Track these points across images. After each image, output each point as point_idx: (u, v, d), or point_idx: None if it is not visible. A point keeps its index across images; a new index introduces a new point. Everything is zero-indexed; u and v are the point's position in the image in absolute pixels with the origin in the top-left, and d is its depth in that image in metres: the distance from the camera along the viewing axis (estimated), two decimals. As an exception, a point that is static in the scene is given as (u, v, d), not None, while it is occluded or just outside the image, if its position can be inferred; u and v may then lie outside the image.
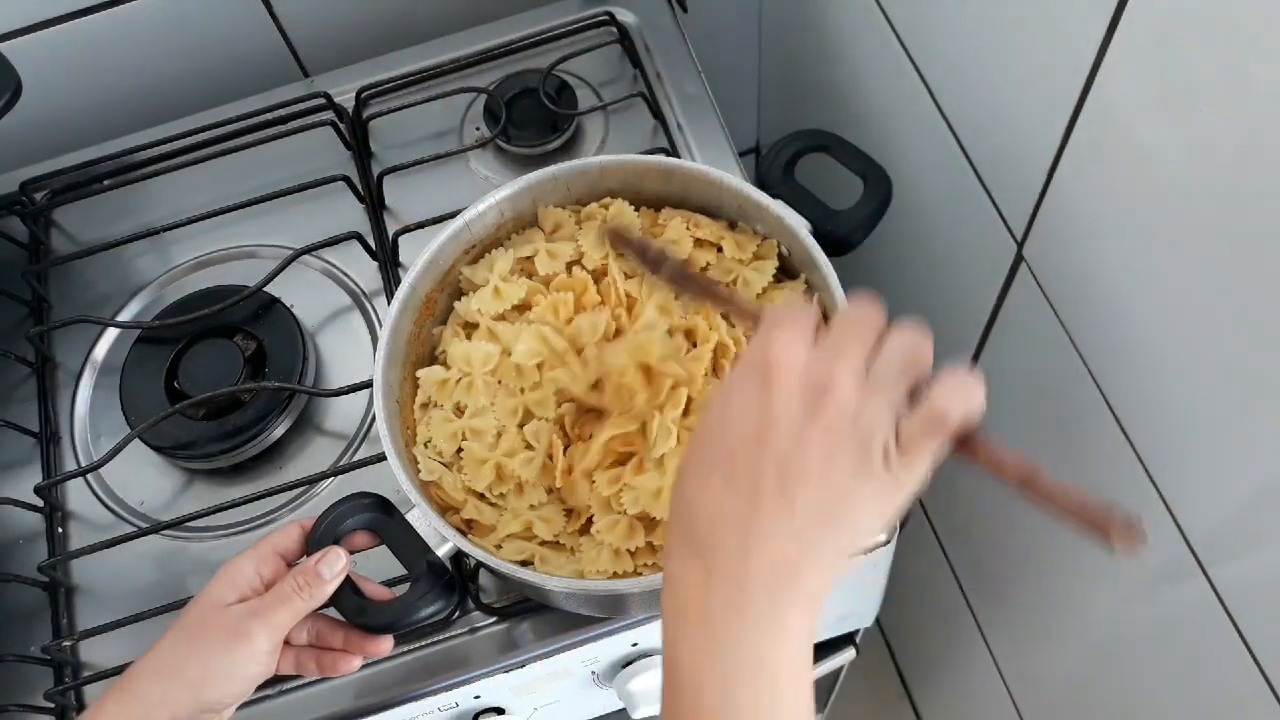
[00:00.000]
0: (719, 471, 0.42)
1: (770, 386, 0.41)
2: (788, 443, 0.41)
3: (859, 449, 0.41)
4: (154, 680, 0.55)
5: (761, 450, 0.41)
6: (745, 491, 0.41)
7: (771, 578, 0.41)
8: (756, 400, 0.42)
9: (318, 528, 0.60)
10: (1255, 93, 0.46)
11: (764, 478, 0.41)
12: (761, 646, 0.41)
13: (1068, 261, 0.66)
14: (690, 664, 0.42)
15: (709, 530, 0.42)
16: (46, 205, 0.91)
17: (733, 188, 0.68)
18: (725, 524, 0.41)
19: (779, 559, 0.41)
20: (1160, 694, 0.75)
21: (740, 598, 0.41)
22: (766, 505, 0.41)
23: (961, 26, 0.68)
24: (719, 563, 0.41)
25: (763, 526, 0.41)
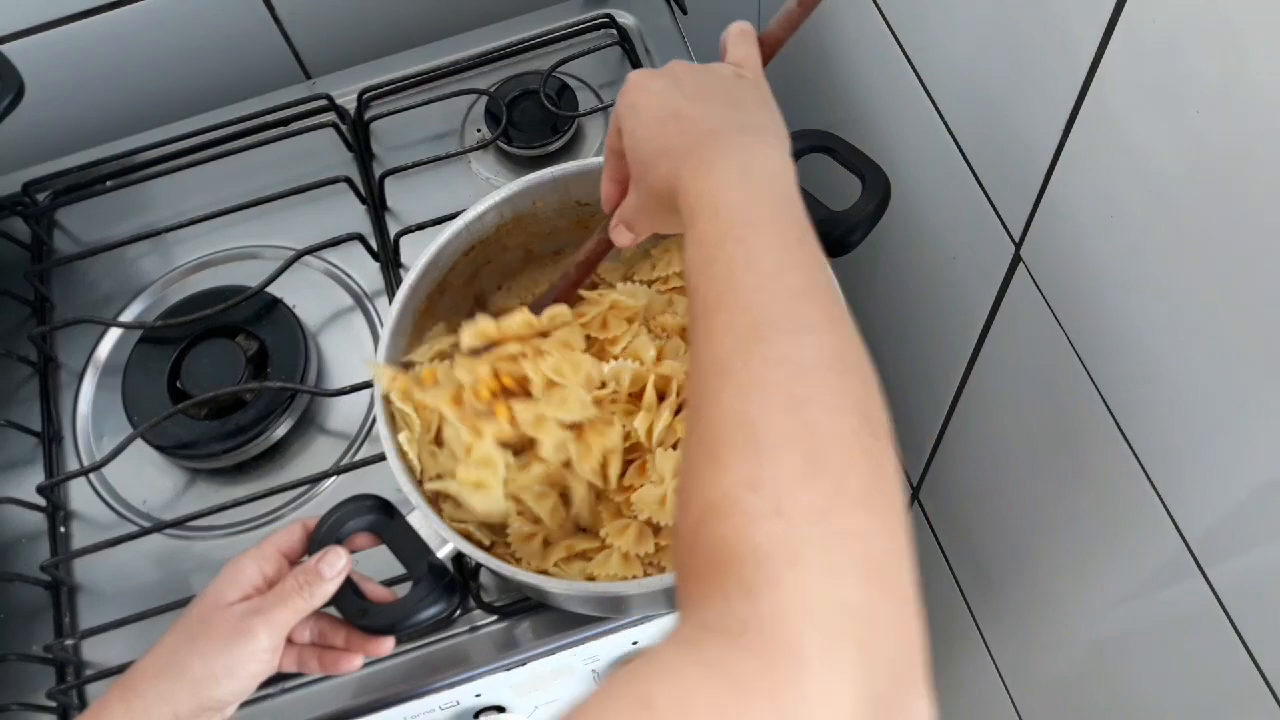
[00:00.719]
0: (661, 127, 0.52)
1: (647, 82, 0.55)
2: (685, 90, 0.54)
3: (718, 75, 0.56)
4: (156, 678, 0.56)
5: (673, 101, 0.53)
6: (683, 119, 0.52)
7: (742, 134, 0.51)
8: (648, 93, 0.54)
9: (320, 529, 0.60)
10: (1252, 93, 0.46)
11: (687, 108, 0.53)
12: (749, 167, 0.48)
13: (1065, 262, 0.66)
14: (702, 197, 0.48)
15: (679, 135, 0.52)
16: (49, 206, 0.91)
17: (732, 189, 0.68)
18: (684, 137, 0.51)
19: (738, 125, 0.51)
20: (1158, 694, 0.75)
21: (720, 150, 0.49)
22: (699, 113, 0.52)
23: (959, 27, 0.68)
24: (702, 142, 0.50)
25: (705, 118, 0.52)
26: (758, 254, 0.45)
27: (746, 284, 0.44)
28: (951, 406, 0.93)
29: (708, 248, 0.46)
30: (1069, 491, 0.77)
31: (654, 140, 0.53)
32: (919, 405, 1.01)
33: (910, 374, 1.01)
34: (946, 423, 0.95)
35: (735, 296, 0.44)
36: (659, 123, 0.53)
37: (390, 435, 0.63)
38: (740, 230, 0.46)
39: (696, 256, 0.47)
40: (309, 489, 0.77)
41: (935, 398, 0.94)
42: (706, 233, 0.47)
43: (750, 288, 0.44)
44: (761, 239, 0.46)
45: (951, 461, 0.99)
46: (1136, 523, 0.67)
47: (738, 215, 0.47)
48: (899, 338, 1.00)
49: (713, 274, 0.45)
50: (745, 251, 0.45)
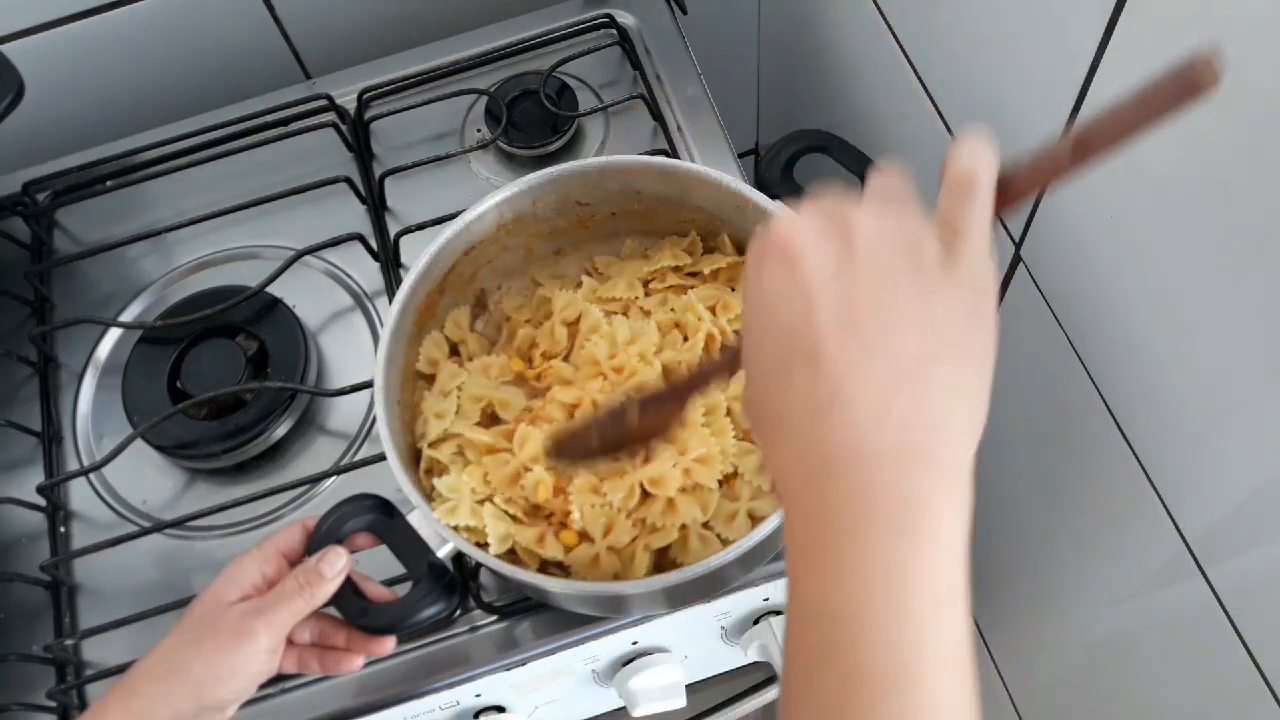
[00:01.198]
0: (794, 364, 0.35)
1: (794, 258, 0.36)
2: (842, 294, 0.35)
3: (913, 264, 0.35)
4: (157, 679, 0.56)
5: (821, 316, 0.35)
6: (827, 363, 0.34)
7: (892, 456, 0.33)
8: (788, 278, 0.36)
9: (320, 529, 0.60)
10: (1252, 92, 0.46)
11: (841, 339, 0.34)
12: (899, 569, 0.32)
13: (1065, 262, 0.66)
14: (813, 594, 0.34)
15: (810, 428, 0.34)
16: (49, 206, 0.91)
17: (732, 189, 0.68)
18: (828, 407, 0.34)
19: (894, 423, 0.33)
20: (1159, 694, 0.75)
21: (865, 503, 0.33)
22: (857, 362, 0.34)
23: (960, 27, 0.68)
24: (816, 463, 0.34)
25: (868, 392, 0.33)
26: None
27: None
28: (951, 406, 0.92)
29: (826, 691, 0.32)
30: (1069, 491, 0.77)
31: (769, 389, 0.36)
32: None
33: (910, 374, 1.01)
34: (946, 423, 0.95)
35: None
36: (781, 358, 0.35)
37: (390, 435, 0.63)
38: (878, 689, 0.32)
39: (811, 690, 0.33)
40: (309, 489, 0.77)
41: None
42: (810, 652, 0.33)
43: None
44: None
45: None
46: (1137, 522, 0.67)
47: (875, 662, 0.32)
48: (899, 338, 1.00)
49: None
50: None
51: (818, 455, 0.34)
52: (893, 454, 0.33)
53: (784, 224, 0.37)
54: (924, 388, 0.34)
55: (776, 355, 0.36)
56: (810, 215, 0.37)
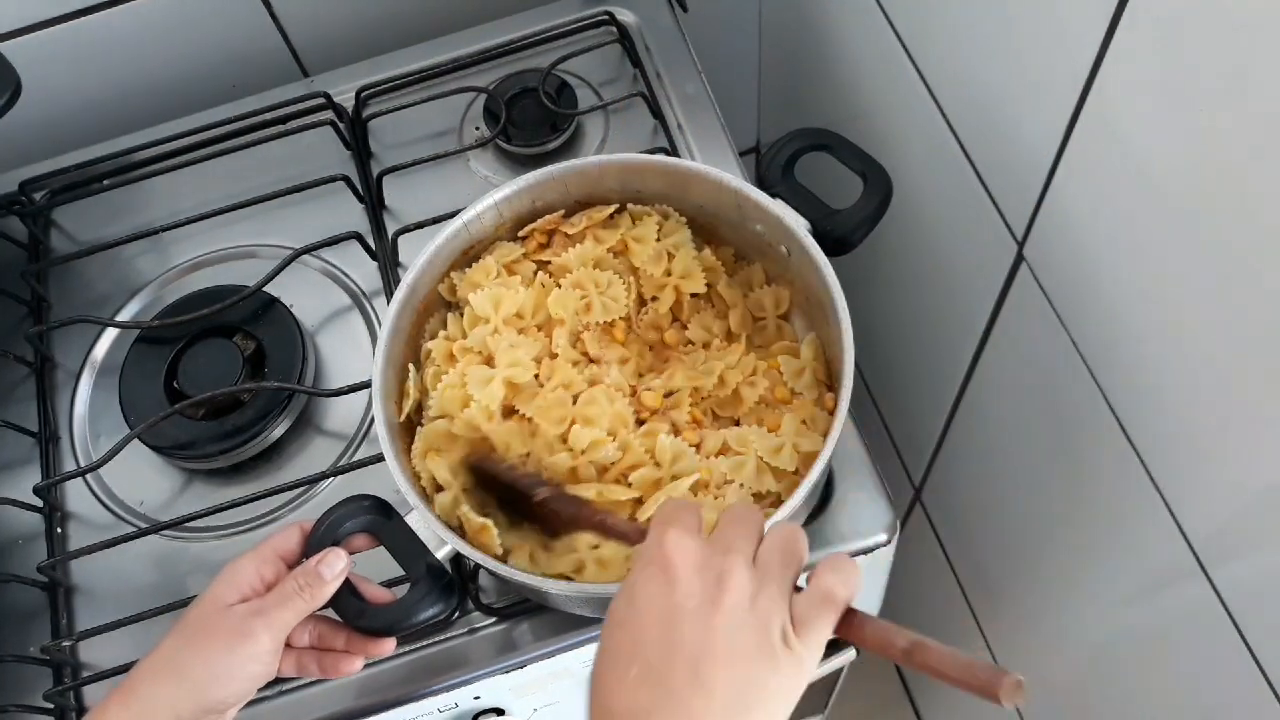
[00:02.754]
0: (634, 664, 0.43)
1: (672, 579, 0.44)
2: (696, 631, 0.43)
3: (759, 634, 0.43)
4: (157, 681, 0.55)
5: (672, 639, 0.43)
6: (660, 682, 0.42)
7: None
8: (660, 593, 0.44)
9: (317, 530, 0.60)
10: (1255, 93, 0.46)
11: (677, 667, 0.42)
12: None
13: (1068, 262, 0.66)
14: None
15: (626, 716, 0.43)
16: (46, 205, 0.91)
17: (732, 187, 0.68)
18: (642, 713, 0.42)
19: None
20: (1161, 695, 0.75)
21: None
22: (683, 696, 0.42)
23: (962, 25, 0.68)
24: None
25: (681, 713, 0.42)
26: None
27: None
28: (954, 406, 0.92)
29: None
30: (1072, 492, 0.77)
31: (609, 668, 0.44)
32: (921, 405, 1.00)
33: (912, 374, 1.01)
34: (949, 423, 0.95)
35: None
36: (628, 651, 0.44)
37: (389, 435, 0.63)
38: None
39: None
40: (307, 490, 0.77)
41: (937, 397, 0.94)
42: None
43: None
44: None
45: (954, 462, 0.99)
46: (1140, 524, 0.67)
47: None
48: (901, 337, 1.00)
49: None
50: None
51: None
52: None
53: (676, 545, 0.45)
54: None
55: (624, 646, 0.44)
56: (697, 551, 0.45)
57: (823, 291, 0.64)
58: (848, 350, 0.62)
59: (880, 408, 1.14)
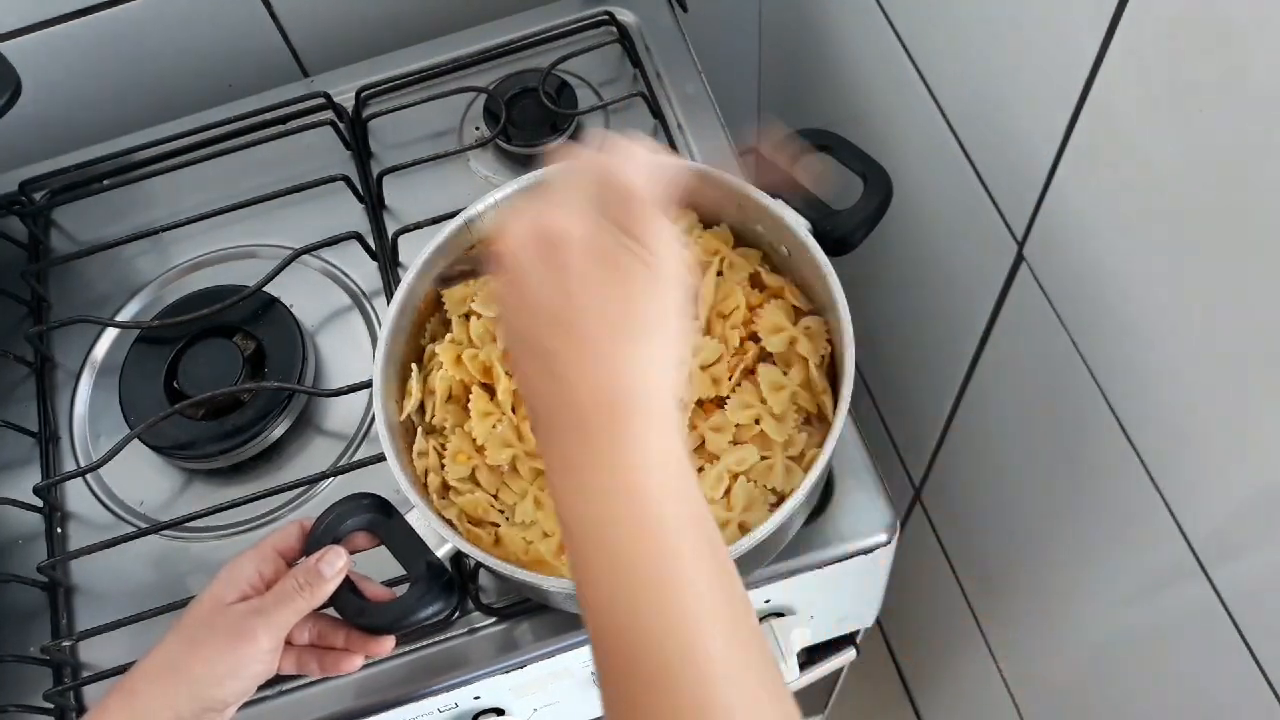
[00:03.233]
0: (519, 351, 0.46)
1: (510, 263, 0.45)
2: (548, 293, 0.44)
3: (600, 259, 0.44)
4: (157, 680, 0.55)
5: (532, 312, 0.44)
6: (538, 351, 0.44)
7: (600, 410, 0.43)
8: (508, 285, 0.46)
9: (317, 528, 0.60)
10: (1255, 93, 0.46)
11: (545, 329, 0.44)
12: (622, 483, 0.42)
13: (1068, 262, 0.66)
14: (575, 525, 0.43)
15: (535, 400, 0.45)
16: (46, 205, 0.91)
17: (733, 187, 0.68)
18: (539, 386, 0.45)
19: (594, 387, 0.43)
20: (1161, 695, 0.75)
21: (583, 445, 0.43)
22: (558, 348, 0.43)
23: (962, 25, 0.68)
24: (553, 421, 0.44)
25: (566, 366, 0.43)
26: (681, 611, 0.40)
27: (680, 656, 0.40)
28: (954, 406, 0.92)
29: (608, 590, 0.42)
30: (1072, 492, 0.77)
31: (516, 352, 0.46)
32: (921, 405, 1.00)
33: (913, 374, 1.01)
34: (949, 422, 0.95)
35: (670, 672, 0.40)
36: (519, 336, 0.46)
37: (389, 435, 0.63)
38: (655, 600, 0.41)
39: (597, 595, 0.42)
40: (307, 490, 0.77)
41: (938, 397, 0.94)
42: (577, 565, 0.43)
43: (687, 662, 0.40)
44: (681, 588, 0.41)
45: (954, 462, 0.99)
46: (1140, 523, 0.67)
47: (644, 577, 0.41)
48: (901, 337, 1.00)
49: (634, 662, 0.41)
50: (665, 605, 0.41)
51: (545, 411, 0.45)
52: (600, 405, 0.43)
53: (504, 233, 0.46)
54: (610, 359, 0.43)
55: (510, 343, 0.47)
56: (524, 229, 0.45)
57: (823, 291, 0.64)
58: (848, 350, 0.62)
59: (880, 408, 1.14)
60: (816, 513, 0.71)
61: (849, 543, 0.70)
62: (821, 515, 0.71)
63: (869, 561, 0.72)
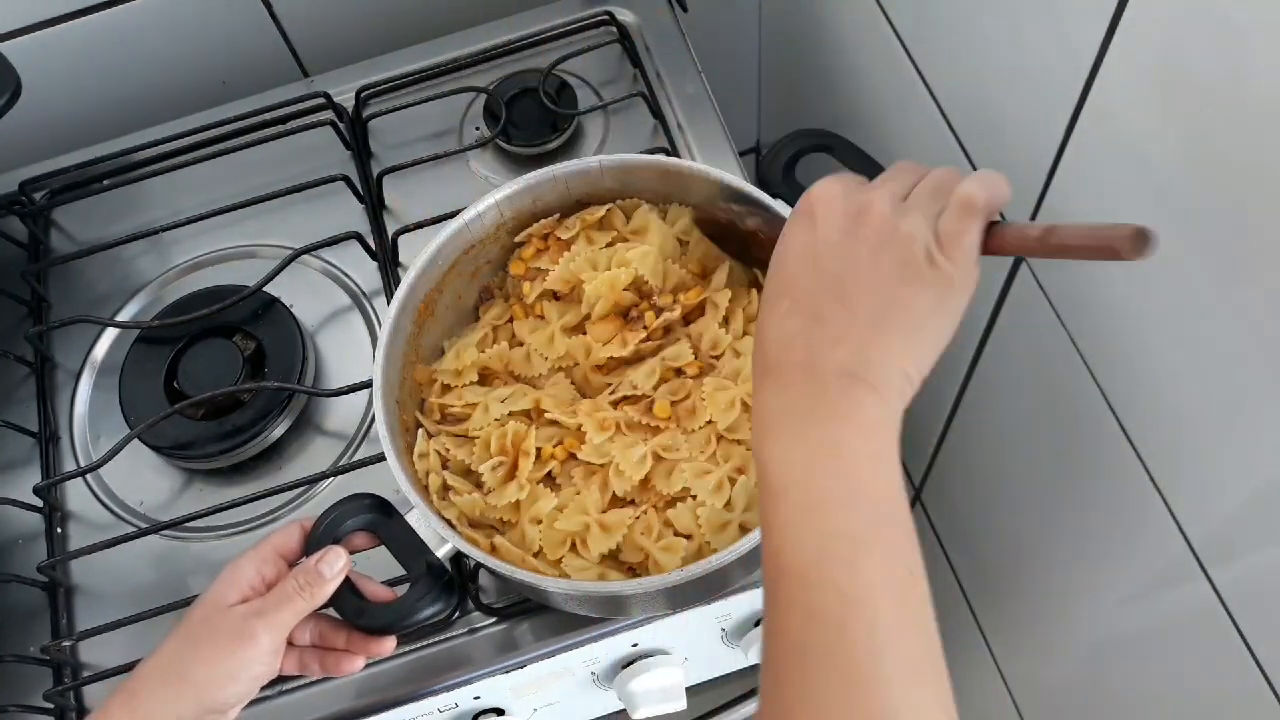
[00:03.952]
0: (785, 298, 0.47)
1: (815, 219, 0.48)
2: (838, 261, 0.46)
3: (902, 254, 0.45)
4: (159, 682, 0.55)
5: (817, 271, 0.47)
6: (807, 309, 0.46)
7: (841, 377, 0.44)
8: (805, 233, 0.48)
9: (317, 528, 0.60)
10: (1255, 93, 0.46)
11: (821, 294, 0.46)
12: (841, 440, 0.44)
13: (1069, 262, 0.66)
14: (778, 468, 0.44)
15: (779, 349, 0.47)
16: (46, 205, 0.90)
17: (733, 187, 0.68)
18: (793, 340, 0.46)
19: (844, 360, 0.45)
20: (1161, 694, 0.75)
21: (814, 400, 0.45)
22: (827, 316, 0.45)
23: (962, 26, 0.68)
24: (790, 375, 0.46)
25: (826, 334, 0.45)
26: (869, 601, 0.41)
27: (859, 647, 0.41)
28: (954, 406, 0.92)
29: (796, 532, 0.43)
30: (1072, 492, 0.77)
31: (767, 308, 0.48)
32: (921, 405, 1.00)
33: (911, 373, 1.01)
34: (949, 422, 0.95)
35: (842, 660, 0.41)
36: (779, 288, 0.48)
37: (389, 436, 0.63)
38: (844, 552, 0.42)
39: (784, 537, 0.43)
40: (307, 490, 0.77)
41: (938, 397, 0.94)
42: (776, 514, 0.44)
43: (863, 653, 0.41)
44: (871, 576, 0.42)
45: (954, 462, 0.99)
46: (1140, 523, 0.67)
47: (838, 527, 0.43)
48: (900, 337, 1.00)
49: (811, 609, 0.42)
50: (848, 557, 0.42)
51: (788, 363, 0.47)
52: (841, 375, 0.45)
53: (819, 188, 0.48)
54: (868, 344, 0.45)
55: (776, 286, 0.49)
56: (840, 190, 0.48)
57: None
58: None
59: (880, 408, 1.14)
60: (816, 513, 0.71)
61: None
62: (821, 515, 0.71)
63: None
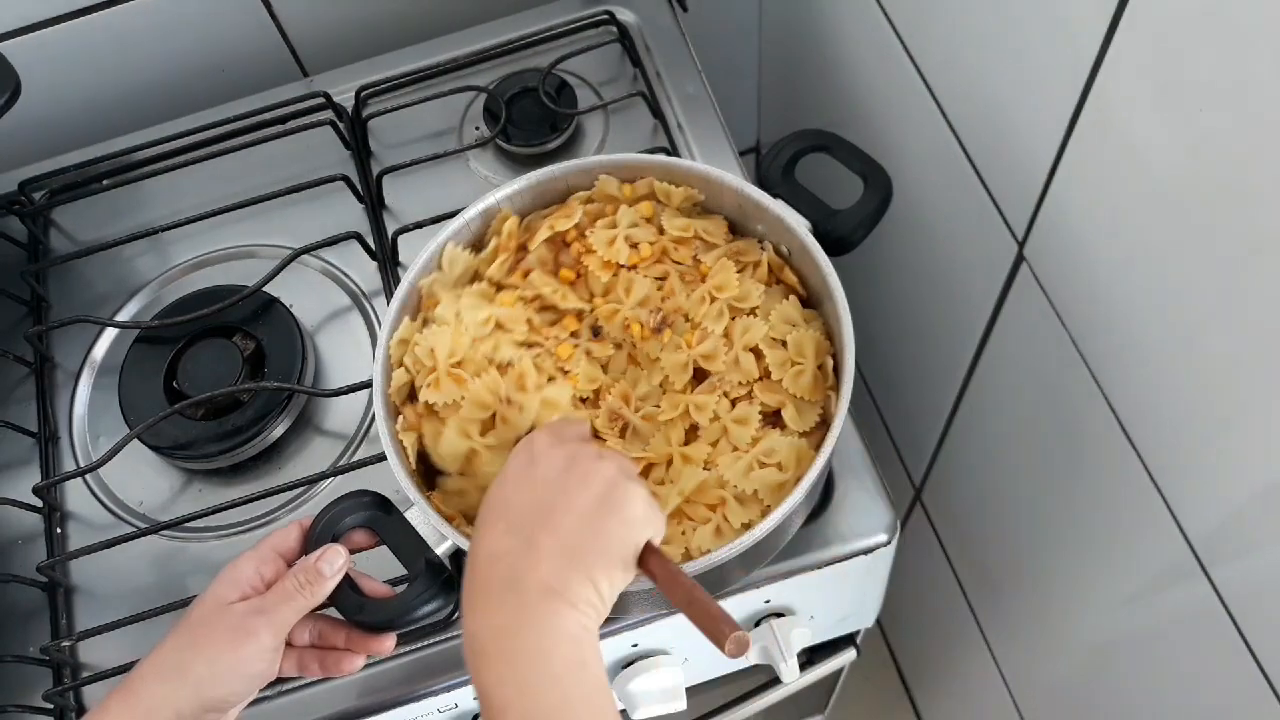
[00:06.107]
0: (501, 520, 0.54)
1: (535, 457, 0.55)
2: (549, 491, 0.54)
3: (602, 492, 0.53)
4: (158, 680, 0.55)
5: (531, 499, 0.54)
6: (519, 531, 0.52)
7: (544, 593, 0.50)
8: (525, 467, 0.55)
9: (316, 526, 0.60)
10: (1255, 93, 0.46)
11: (533, 518, 0.53)
12: (546, 650, 0.50)
13: (1069, 261, 0.66)
14: (494, 689, 0.50)
15: (488, 566, 0.52)
16: (45, 205, 0.90)
17: (733, 187, 0.68)
18: (501, 558, 0.52)
19: (545, 578, 0.51)
20: (1161, 694, 0.75)
21: (519, 617, 0.50)
22: (536, 539, 0.52)
23: (963, 25, 0.68)
24: (498, 594, 0.52)
25: (532, 555, 0.51)
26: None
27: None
28: (954, 406, 0.92)
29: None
30: (1073, 491, 0.77)
31: (480, 542, 0.54)
32: (922, 405, 1.00)
33: (913, 374, 1.01)
34: (949, 423, 0.95)
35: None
36: (496, 516, 0.54)
37: (389, 435, 0.63)
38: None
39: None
40: (306, 490, 0.77)
41: (938, 397, 0.94)
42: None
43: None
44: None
45: (954, 462, 0.99)
46: (1140, 523, 0.67)
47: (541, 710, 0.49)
48: (901, 337, 1.00)
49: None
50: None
51: (495, 579, 0.52)
52: (545, 591, 0.51)
53: (540, 436, 0.57)
54: (568, 566, 0.52)
55: (495, 508, 0.55)
56: (558, 440, 0.56)
57: (824, 291, 0.64)
58: (848, 350, 0.62)
59: (880, 408, 1.14)
60: (816, 513, 0.71)
61: (849, 543, 0.70)
62: (821, 515, 0.71)
63: (869, 562, 0.72)
